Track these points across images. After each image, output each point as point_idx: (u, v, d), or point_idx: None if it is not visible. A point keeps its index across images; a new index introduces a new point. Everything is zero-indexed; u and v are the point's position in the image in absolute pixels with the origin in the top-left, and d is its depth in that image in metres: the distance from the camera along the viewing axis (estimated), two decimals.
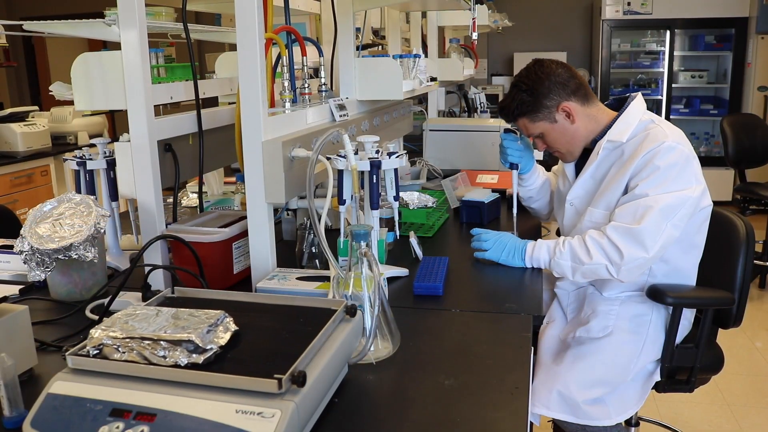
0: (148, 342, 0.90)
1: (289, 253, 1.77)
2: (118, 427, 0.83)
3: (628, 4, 6.00)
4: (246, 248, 1.56)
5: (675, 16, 5.96)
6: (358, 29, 2.35)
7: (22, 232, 1.44)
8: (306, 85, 1.79)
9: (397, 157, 1.52)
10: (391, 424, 0.99)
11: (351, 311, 1.07)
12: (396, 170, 1.55)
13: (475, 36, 2.74)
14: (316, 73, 1.91)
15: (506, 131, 2.01)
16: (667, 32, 6.11)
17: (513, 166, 1.99)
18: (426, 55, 3.31)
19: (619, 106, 1.84)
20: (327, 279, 1.44)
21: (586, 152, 1.86)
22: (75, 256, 1.42)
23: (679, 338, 1.79)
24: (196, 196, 2.51)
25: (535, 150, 1.98)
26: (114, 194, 1.72)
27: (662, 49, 6.23)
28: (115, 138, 1.58)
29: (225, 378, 0.86)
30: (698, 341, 1.78)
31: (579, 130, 1.80)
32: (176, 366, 0.88)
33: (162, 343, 0.90)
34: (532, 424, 1.70)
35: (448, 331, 1.34)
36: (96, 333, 0.93)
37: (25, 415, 0.88)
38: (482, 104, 4.49)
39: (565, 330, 1.83)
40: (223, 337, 0.93)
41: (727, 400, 2.91)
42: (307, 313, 1.07)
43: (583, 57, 6.92)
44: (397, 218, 1.58)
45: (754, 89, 5.84)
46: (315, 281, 1.44)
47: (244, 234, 1.57)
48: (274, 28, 1.59)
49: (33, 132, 4.21)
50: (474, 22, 2.69)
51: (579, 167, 1.89)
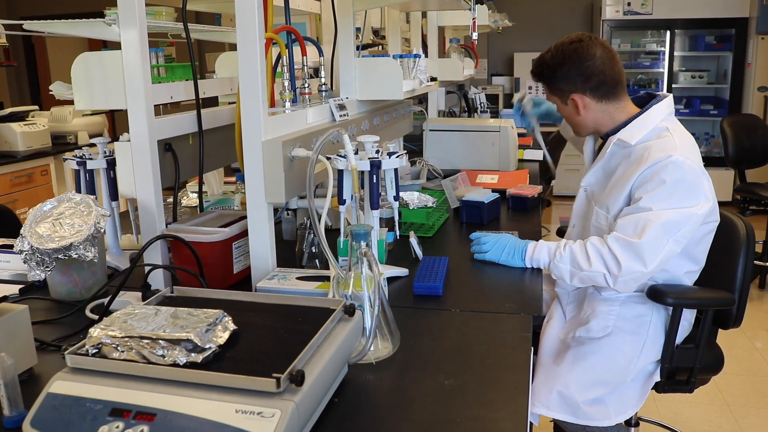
0: (146, 341, 0.90)
1: (289, 253, 1.77)
2: (117, 427, 0.83)
3: (628, 4, 6.00)
4: (246, 248, 1.56)
5: (675, 17, 5.96)
6: (358, 29, 2.35)
7: (22, 231, 1.44)
8: (306, 85, 1.79)
9: (397, 157, 1.52)
10: (391, 424, 0.99)
11: (349, 311, 1.07)
12: (396, 170, 1.55)
13: (475, 36, 2.74)
14: (316, 73, 1.91)
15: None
16: (667, 32, 6.12)
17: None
18: (426, 55, 3.31)
19: (646, 102, 1.78)
20: (327, 279, 1.44)
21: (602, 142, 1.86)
22: (75, 256, 1.42)
23: (680, 339, 1.79)
24: (196, 195, 2.51)
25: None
26: (114, 194, 1.72)
27: (662, 49, 6.23)
28: (115, 138, 1.58)
29: (223, 377, 0.86)
30: (698, 342, 1.78)
31: (586, 120, 1.78)
32: (175, 365, 0.88)
33: (161, 342, 0.90)
34: (531, 424, 1.70)
35: (448, 331, 1.34)
36: (95, 332, 0.93)
37: (25, 415, 0.88)
38: (482, 104, 4.49)
39: (565, 329, 1.83)
40: (222, 337, 0.94)
41: (727, 400, 2.91)
42: (306, 313, 1.07)
43: None
44: (397, 218, 1.58)
45: (754, 89, 5.84)
46: (315, 281, 1.44)
47: (244, 234, 1.57)
48: (274, 28, 1.59)
49: (33, 131, 4.21)
50: (474, 22, 2.70)
51: (594, 153, 1.90)
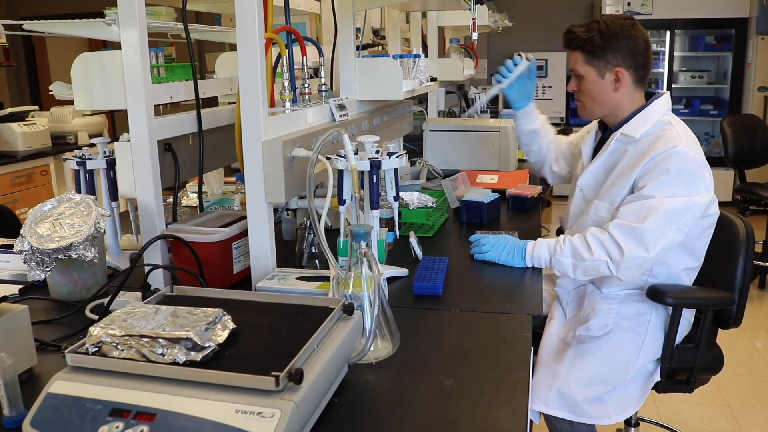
0: (146, 340, 0.90)
1: (289, 253, 1.77)
2: (117, 427, 0.83)
3: (628, 4, 6.00)
4: (246, 248, 1.56)
5: (675, 17, 5.96)
6: (358, 29, 2.35)
7: (21, 231, 1.44)
8: (306, 85, 1.79)
9: (397, 157, 1.52)
10: (391, 424, 0.99)
11: (348, 309, 1.07)
12: (396, 170, 1.55)
13: (475, 36, 2.74)
14: (316, 73, 1.91)
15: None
16: (667, 32, 6.11)
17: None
18: (426, 55, 3.31)
19: (646, 98, 1.81)
20: (327, 279, 1.44)
21: (602, 140, 1.86)
22: (75, 256, 1.42)
23: (679, 338, 1.79)
24: (196, 195, 2.51)
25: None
26: (114, 194, 1.72)
27: (662, 49, 6.23)
28: (115, 138, 1.58)
29: (223, 375, 0.86)
30: (698, 341, 1.78)
31: (613, 99, 1.76)
32: (174, 363, 0.88)
33: (160, 340, 0.90)
34: (531, 422, 1.70)
35: (448, 331, 1.34)
36: (95, 331, 0.93)
37: (25, 415, 0.88)
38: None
39: (565, 328, 1.83)
40: (221, 335, 0.94)
41: (727, 400, 2.91)
42: (305, 312, 1.07)
43: None
44: (397, 218, 1.58)
45: (754, 89, 5.84)
46: (315, 281, 1.44)
47: (244, 234, 1.57)
48: (274, 28, 1.59)
49: (33, 132, 4.21)
50: (474, 22, 2.70)
51: (595, 151, 1.89)
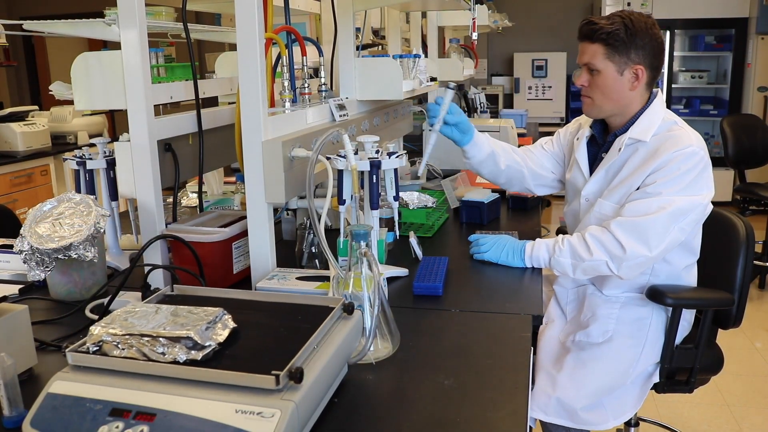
0: (147, 339, 0.91)
1: (289, 253, 1.77)
2: (117, 427, 0.83)
3: (628, 4, 6.00)
4: (246, 248, 1.56)
5: (675, 17, 5.96)
6: (358, 29, 2.35)
7: (21, 231, 1.44)
8: (306, 85, 1.79)
9: (397, 157, 1.52)
10: (391, 424, 0.99)
11: (348, 309, 1.07)
12: (396, 170, 1.55)
13: (475, 36, 2.74)
14: (316, 73, 1.91)
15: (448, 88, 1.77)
16: (667, 32, 6.11)
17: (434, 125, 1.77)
18: (426, 55, 3.31)
19: None
20: (327, 279, 1.44)
21: (594, 142, 1.82)
22: (75, 256, 1.42)
23: (679, 339, 1.79)
24: (196, 195, 2.51)
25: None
26: (114, 194, 1.72)
27: None
28: (115, 138, 1.58)
29: (223, 374, 0.86)
30: (698, 342, 1.78)
31: (627, 98, 1.70)
32: (175, 362, 0.88)
33: (161, 339, 0.90)
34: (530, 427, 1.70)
35: (448, 331, 1.34)
36: (96, 330, 0.93)
37: (25, 415, 0.88)
38: (482, 104, 4.49)
39: (565, 331, 1.83)
40: (222, 334, 0.94)
41: (727, 400, 2.91)
42: (305, 311, 1.07)
43: None
44: (396, 218, 1.58)
45: (754, 90, 5.85)
46: (315, 281, 1.44)
47: (244, 234, 1.57)
48: (274, 28, 1.59)
49: (33, 131, 4.21)
50: (474, 22, 2.70)
51: (593, 157, 1.83)
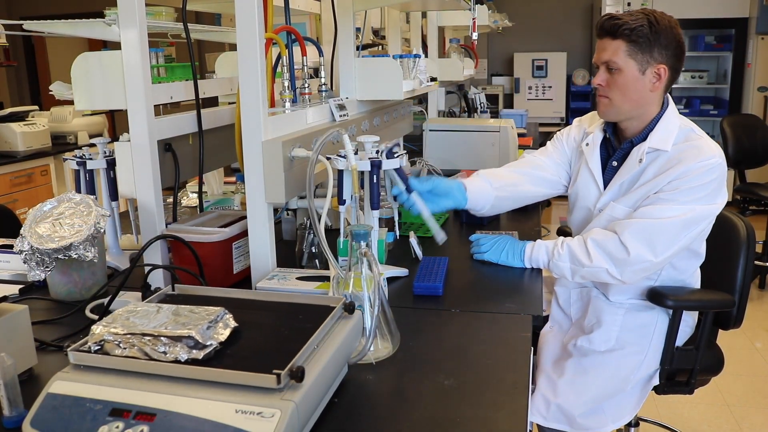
0: (148, 338, 0.91)
1: (289, 253, 1.77)
2: (117, 427, 0.83)
3: (628, 4, 6.00)
4: (246, 248, 1.56)
5: (675, 17, 5.94)
6: (358, 29, 2.35)
7: (21, 231, 1.44)
8: (306, 85, 1.79)
9: (397, 156, 1.52)
10: (391, 424, 0.99)
11: (349, 308, 1.08)
12: (401, 167, 1.55)
13: (475, 36, 2.74)
14: (316, 73, 1.91)
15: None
16: None
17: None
18: (426, 55, 3.31)
19: None
20: (327, 279, 1.44)
21: (604, 147, 1.74)
22: (75, 256, 1.42)
23: (680, 342, 1.78)
24: (196, 195, 2.51)
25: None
26: (114, 194, 1.72)
27: None
28: (115, 138, 1.58)
29: (224, 373, 0.87)
30: (698, 343, 1.78)
31: (646, 99, 1.64)
32: (176, 362, 0.89)
33: (162, 339, 0.90)
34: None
35: (448, 331, 1.34)
36: (97, 329, 0.93)
37: (25, 415, 0.89)
38: (482, 104, 4.49)
39: (569, 334, 1.82)
40: (223, 334, 0.94)
41: (727, 400, 2.91)
42: (306, 310, 1.07)
43: (583, 57, 6.92)
44: (396, 218, 1.58)
45: (754, 90, 5.84)
46: (315, 281, 1.44)
47: (244, 234, 1.57)
48: (274, 28, 1.59)
49: (33, 132, 4.21)
50: (474, 23, 2.70)
51: (603, 164, 1.75)
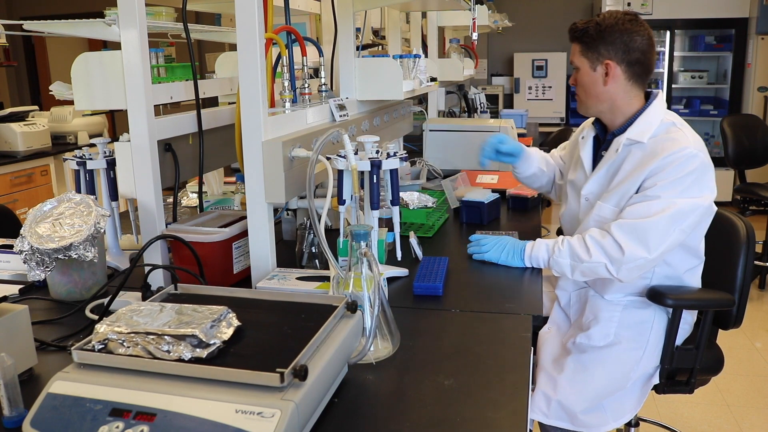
0: (152, 337, 0.91)
1: (289, 253, 1.77)
2: (117, 427, 0.83)
3: (628, 4, 6.00)
4: (246, 248, 1.56)
5: (675, 17, 5.96)
6: (358, 29, 2.35)
7: (22, 231, 1.44)
8: (306, 85, 1.79)
9: (398, 156, 1.52)
10: (391, 424, 0.99)
11: (352, 307, 1.08)
12: (396, 172, 1.54)
13: (475, 36, 2.74)
14: (316, 73, 1.91)
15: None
16: (667, 33, 6.11)
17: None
18: (426, 55, 3.31)
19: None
20: (327, 279, 1.44)
21: (604, 143, 1.81)
22: (75, 256, 1.42)
23: (680, 340, 1.79)
24: (196, 196, 2.51)
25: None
26: (114, 194, 1.72)
27: (662, 49, 6.23)
28: (115, 138, 1.58)
29: (228, 372, 0.87)
30: (698, 342, 1.78)
31: (605, 93, 1.72)
32: (180, 360, 0.89)
33: (166, 338, 0.91)
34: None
35: (448, 331, 1.34)
36: (101, 328, 0.93)
37: (25, 415, 0.89)
38: (482, 104, 4.49)
39: (567, 334, 1.82)
40: (226, 333, 0.94)
41: (727, 400, 2.91)
42: (309, 309, 1.07)
43: None
44: (397, 224, 1.56)
45: (754, 90, 5.84)
46: (315, 281, 1.44)
47: (244, 234, 1.57)
48: (274, 28, 1.59)
49: (33, 132, 4.22)
50: (474, 23, 2.69)
51: (594, 157, 1.83)
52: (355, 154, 1.47)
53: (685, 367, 1.80)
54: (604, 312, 1.77)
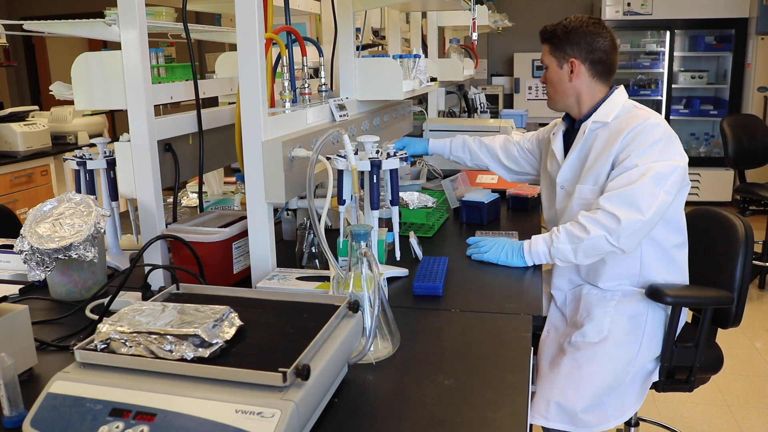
0: (155, 336, 0.91)
1: (289, 253, 1.77)
2: (117, 427, 0.83)
3: (628, 4, 6.00)
4: (246, 248, 1.56)
5: (675, 17, 5.97)
6: (358, 29, 2.35)
7: (22, 231, 1.44)
8: (306, 85, 1.79)
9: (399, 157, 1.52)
10: (391, 424, 0.99)
11: (354, 307, 1.08)
12: (396, 172, 1.54)
13: (475, 36, 2.74)
14: (316, 73, 1.91)
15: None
16: (667, 33, 6.11)
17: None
18: (426, 56, 3.31)
19: None
20: (327, 279, 1.44)
21: (573, 133, 1.90)
22: (75, 256, 1.42)
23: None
24: (196, 196, 2.51)
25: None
26: (114, 194, 1.72)
27: (662, 49, 6.23)
28: (115, 138, 1.58)
29: (230, 371, 0.87)
30: (697, 340, 1.78)
31: (571, 89, 1.85)
32: (182, 360, 0.89)
33: (169, 337, 0.91)
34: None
35: (448, 331, 1.34)
36: (104, 327, 0.93)
37: (25, 415, 0.89)
38: (482, 104, 4.49)
39: (564, 334, 1.83)
40: (229, 332, 0.94)
41: (727, 400, 2.91)
42: (311, 309, 1.07)
43: None
44: (396, 227, 1.56)
45: (754, 90, 5.84)
46: (315, 281, 1.44)
47: (244, 234, 1.57)
48: (274, 28, 1.59)
49: (33, 132, 4.22)
50: (474, 23, 2.69)
51: (567, 148, 1.92)
52: (355, 154, 1.47)
53: (685, 366, 1.81)
54: (597, 308, 1.78)
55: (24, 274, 1.58)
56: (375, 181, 1.49)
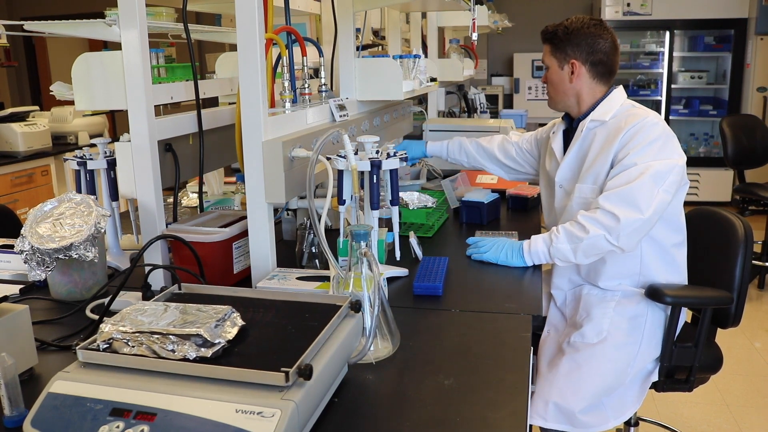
0: (157, 336, 0.91)
1: (289, 253, 1.77)
2: (118, 427, 0.83)
3: (628, 4, 6.00)
4: (246, 248, 1.57)
5: (674, 17, 5.97)
6: (358, 29, 2.35)
7: (22, 231, 1.44)
8: (306, 86, 1.79)
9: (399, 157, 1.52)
10: (391, 424, 1.00)
11: (355, 307, 1.08)
12: (396, 172, 1.55)
13: (475, 36, 2.74)
14: (316, 73, 1.91)
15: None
16: (667, 33, 6.12)
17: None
18: (426, 56, 3.31)
19: None
20: (327, 279, 1.44)
21: (573, 132, 1.90)
22: (75, 256, 1.42)
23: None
24: (196, 196, 2.51)
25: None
26: (114, 194, 1.72)
27: (662, 49, 6.23)
28: (115, 138, 1.58)
29: (233, 371, 0.87)
30: (697, 340, 1.78)
31: (572, 89, 1.86)
32: (185, 360, 0.89)
33: (171, 337, 0.91)
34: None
35: (448, 331, 1.34)
36: (106, 327, 0.94)
37: (26, 415, 0.89)
38: (482, 104, 4.49)
39: (563, 334, 1.83)
40: (231, 332, 0.95)
41: (727, 400, 2.91)
42: (312, 309, 1.08)
43: None
44: (396, 228, 1.56)
45: (754, 90, 5.85)
46: (315, 281, 1.44)
47: (244, 234, 1.57)
48: (274, 28, 1.59)
49: (33, 132, 4.22)
50: (474, 23, 2.69)
51: (566, 148, 1.92)
52: (355, 154, 1.48)
53: (684, 365, 1.81)
54: (596, 309, 1.78)
55: (24, 274, 1.58)
56: (375, 181, 1.49)
